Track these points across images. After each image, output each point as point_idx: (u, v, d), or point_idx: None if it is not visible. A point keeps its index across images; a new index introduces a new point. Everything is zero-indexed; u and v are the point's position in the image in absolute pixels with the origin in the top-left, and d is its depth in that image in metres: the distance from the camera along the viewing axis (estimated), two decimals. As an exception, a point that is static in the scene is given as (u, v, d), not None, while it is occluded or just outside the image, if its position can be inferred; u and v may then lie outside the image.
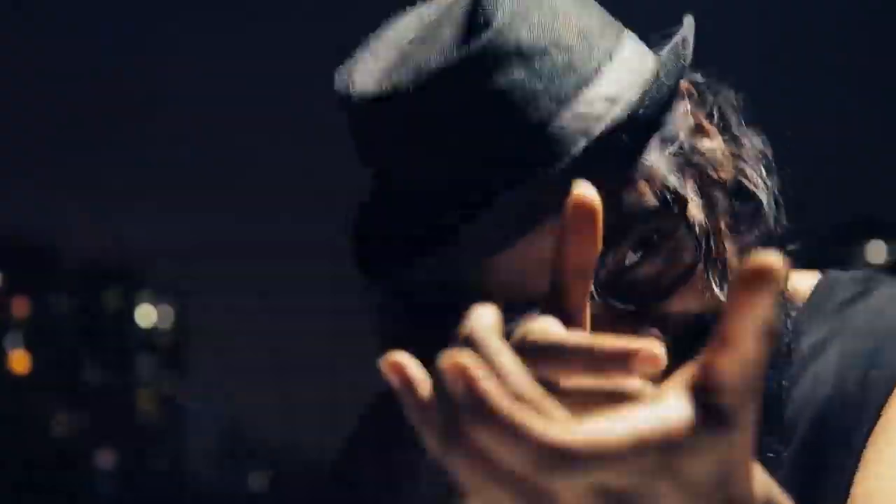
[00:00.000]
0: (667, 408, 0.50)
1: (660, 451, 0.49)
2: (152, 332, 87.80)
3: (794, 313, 1.03)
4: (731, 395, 0.49)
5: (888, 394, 0.96)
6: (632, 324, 0.90)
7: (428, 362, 0.53)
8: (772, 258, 0.49)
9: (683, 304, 0.92)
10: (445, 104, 0.89)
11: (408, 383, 0.53)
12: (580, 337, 0.54)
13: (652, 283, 0.92)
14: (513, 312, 0.79)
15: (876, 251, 70.23)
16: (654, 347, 0.52)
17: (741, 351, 0.49)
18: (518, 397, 0.51)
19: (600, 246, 0.62)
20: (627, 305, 0.91)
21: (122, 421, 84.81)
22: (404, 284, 0.94)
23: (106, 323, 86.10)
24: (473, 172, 0.89)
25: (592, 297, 0.78)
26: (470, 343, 0.53)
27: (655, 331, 0.90)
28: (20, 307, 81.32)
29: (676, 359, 0.54)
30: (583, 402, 0.53)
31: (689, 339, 0.87)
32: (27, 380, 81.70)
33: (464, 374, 0.50)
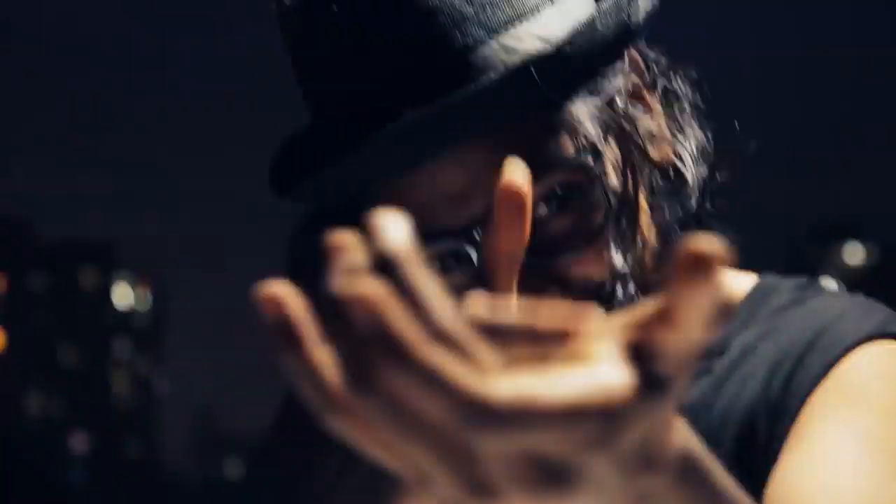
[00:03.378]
0: (605, 373, 0.46)
1: (598, 419, 0.45)
2: (129, 313, 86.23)
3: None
4: (673, 365, 0.47)
5: (805, 399, 0.93)
6: (531, 278, 0.85)
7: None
8: (712, 245, 0.45)
9: (586, 269, 0.90)
10: (371, 14, 0.88)
11: (285, 322, 0.45)
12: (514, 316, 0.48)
13: (558, 239, 0.89)
14: (423, 240, 0.80)
15: (852, 252, 69.40)
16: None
17: (685, 331, 0.46)
18: (441, 337, 0.44)
19: (528, 232, 0.62)
20: (530, 259, 0.83)
21: (96, 403, 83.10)
22: (313, 200, 0.93)
23: (82, 303, 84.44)
24: (388, 85, 0.87)
25: None
26: (385, 264, 0.45)
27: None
28: (-4, 283, 79.69)
29: None
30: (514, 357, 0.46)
31: (588, 303, 0.81)
32: (2, 358, 79.97)
33: (375, 308, 0.43)
